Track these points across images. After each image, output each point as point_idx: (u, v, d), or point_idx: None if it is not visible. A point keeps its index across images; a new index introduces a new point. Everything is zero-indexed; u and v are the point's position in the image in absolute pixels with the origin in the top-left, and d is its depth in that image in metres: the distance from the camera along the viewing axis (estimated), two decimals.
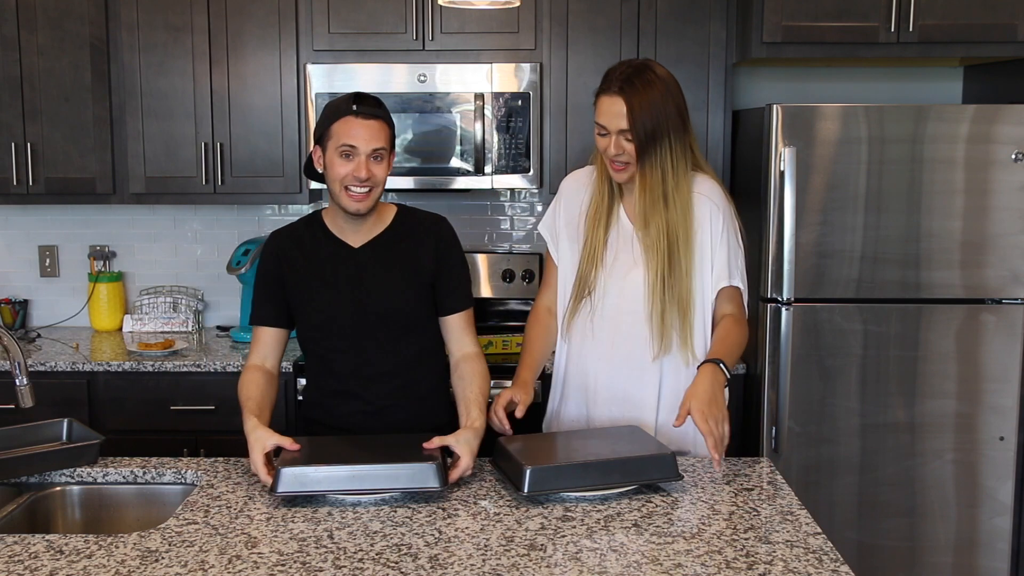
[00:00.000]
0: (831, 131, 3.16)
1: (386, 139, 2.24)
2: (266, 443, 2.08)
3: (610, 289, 2.34)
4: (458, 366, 2.38)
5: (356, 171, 2.20)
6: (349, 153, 2.20)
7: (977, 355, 3.24)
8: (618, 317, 2.34)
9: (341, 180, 2.21)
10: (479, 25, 3.45)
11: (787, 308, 3.19)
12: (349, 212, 2.26)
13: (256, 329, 2.40)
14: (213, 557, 1.75)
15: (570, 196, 2.45)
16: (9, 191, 3.57)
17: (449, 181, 3.48)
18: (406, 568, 1.70)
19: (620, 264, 2.34)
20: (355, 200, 2.23)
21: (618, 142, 2.24)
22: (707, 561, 1.73)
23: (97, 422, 3.31)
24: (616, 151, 2.25)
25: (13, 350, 2.13)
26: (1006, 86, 3.52)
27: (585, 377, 2.40)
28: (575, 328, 2.40)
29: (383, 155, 2.24)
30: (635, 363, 2.35)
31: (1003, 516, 3.29)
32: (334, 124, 2.22)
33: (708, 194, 2.33)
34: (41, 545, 1.80)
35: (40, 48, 3.51)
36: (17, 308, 3.89)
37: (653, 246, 2.28)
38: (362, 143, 2.20)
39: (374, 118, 2.22)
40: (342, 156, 2.21)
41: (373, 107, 2.24)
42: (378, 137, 2.22)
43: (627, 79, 2.23)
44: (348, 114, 2.21)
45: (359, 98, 2.24)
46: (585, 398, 2.41)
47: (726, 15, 3.45)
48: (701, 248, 2.31)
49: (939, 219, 3.19)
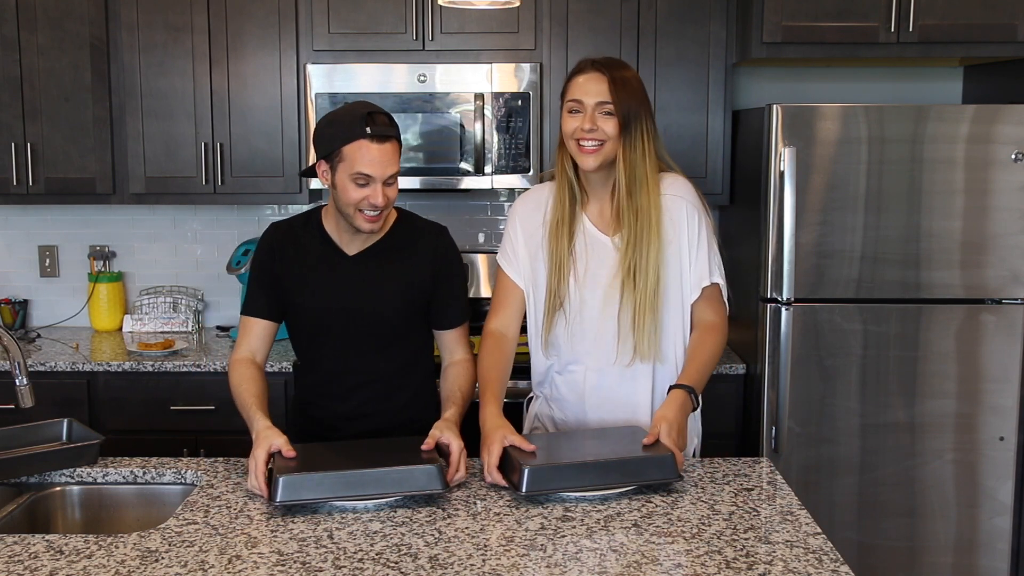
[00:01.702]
0: (831, 131, 3.16)
1: (398, 161, 2.18)
2: (273, 443, 2.06)
3: (587, 298, 2.28)
4: (447, 370, 2.39)
5: (372, 198, 2.15)
6: (364, 182, 2.14)
7: (977, 355, 3.24)
8: (602, 324, 2.28)
9: (356, 204, 2.17)
10: (479, 25, 3.45)
11: (787, 308, 3.19)
12: (363, 230, 2.22)
13: (246, 320, 2.35)
14: (213, 557, 1.75)
15: (525, 216, 2.36)
16: (9, 191, 3.57)
17: (449, 181, 3.48)
18: (406, 568, 1.70)
19: (591, 274, 2.27)
20: (370, 222, 2.19)
21: (593, 117, 2.17)
22: (707, 561, 1.73)
23: (97, 422, 3.31)
24: (590, 126, 2.17)
25: (13, 350, 2.13)
26: (1006, 86, 3.52)
27: (576, 385, 2.35)
28: (557, 341, 2.33)
29: (395, 179, 2.19)
30: (624, 367, 2.29)
31: (1003, 516, 3.29)
32: (346, 147, 2.13)
33: (683, 195, 2.27)
34: (41, 545, 1.80)
35: (40, 48, 3.51)
36: (17, 308, 3.89)
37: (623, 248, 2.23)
38: (378, 171, 2.13)
39: (388, 140, 2.14)
40: (356, 184, 2.14)
41: (386, 127, 2.15)
42: (393, 161, 2.16)
43: (605, 62, 2.22)
44: (362, 137, 2.11)
45: (371, 118, 2.13)
46: (580, 405, 2.36)
47: (726, 15, 3.45)
48: (679, 249, 2.26)
49: (939, 219, 3.19)
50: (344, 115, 2.17)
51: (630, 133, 2.19)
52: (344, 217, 2.22)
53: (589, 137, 2.18)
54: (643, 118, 2.20)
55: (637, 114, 2.19)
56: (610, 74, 2.19)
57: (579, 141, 2.19)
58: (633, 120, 2.18)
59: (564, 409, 2.39)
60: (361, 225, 2.20)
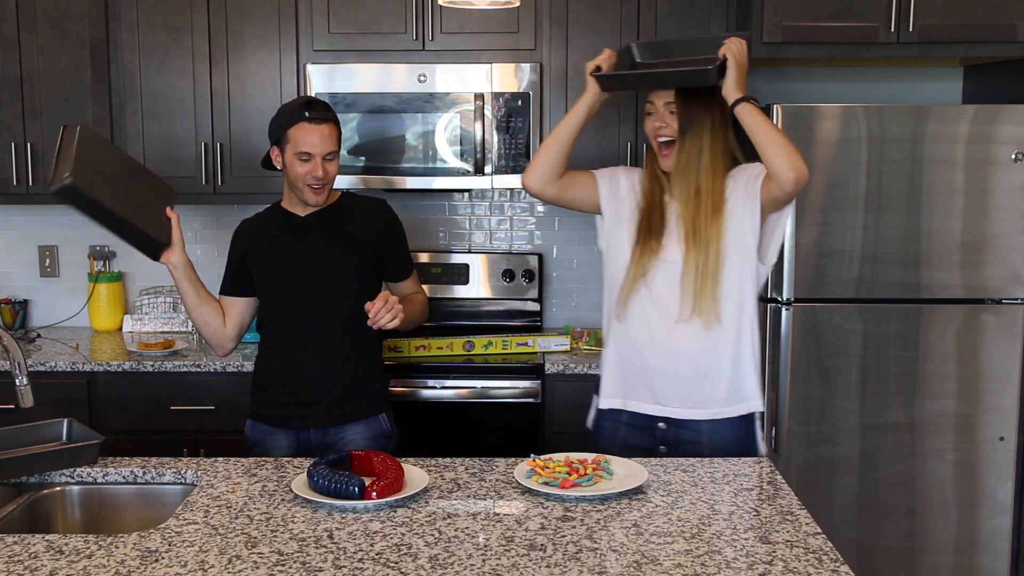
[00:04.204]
0: (831, 131, 3.16)
1: (336, 141, 2.59)
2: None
3: (660, 268, 2.40)
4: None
5: (314, 171, 2.56)
6: (306, 158, 2.54)
7: (977, 355, 3.24)
8: (668, 286, 2.39)
9: (302, 178, 2.57)
10: (479, 25, 3.46)
11: (787, 308, 3.19)
12: (309, 203, 2.62)
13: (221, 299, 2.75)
14: (213, 557, 1.75)
15: (627, 175, 2.53)
16: (9, 191, 3.57)
17: (449, 181, 3.48)
18: (406, 568, 1.70)
19: (664, 247, 2.41)
20: (315, 193, 2.60)
21: (663, 116, 2.39)
22: (707, 561, 1.73)
23: (97, 422, 3.31)
24: (660, 124, 2.39)
25: (13, 350, 2.13)
26: (1006, 86, 3.52)
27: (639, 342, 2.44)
28: (632, 308, 2.44)
29: (334, 156, 2.58)
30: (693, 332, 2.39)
31: (1003, 516, 3.30)
32: (289, 129, 2.55)
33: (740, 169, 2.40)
34: (41, 545, 1.80)
35: (40, 48, 3.51)
36: (17, 308, 3.89)
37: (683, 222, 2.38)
38: (317, 149, 2.54)
39: (325, 122, 2.55)
40: (300, 160, 2.55)
41: (322, 111, 2.56)
42: (330, 141, 2.56)
43: None
44: (301, 120, 2.53)
45: (310, 104, 2.55)
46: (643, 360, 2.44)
47: (726, 15, 3.45)
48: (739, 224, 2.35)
49: (939, 219, 3.19)
50: (287, 106, 2.62)
51: (693, 129, 2.36)
52: (295, 191, 2.63)
53: (661, 134, 2.40)
54: (710, 124, 2.36)
55: (700, 118, 2.36)
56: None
57: (658, 140, 2.41)
58: (696, 120, 2.36)
59: (631, 361, 2.47)
60: (308, 197, 2.60)
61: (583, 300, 3.93)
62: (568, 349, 3.49)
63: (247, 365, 3.29)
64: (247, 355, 3.40)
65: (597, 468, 2.13)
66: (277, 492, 2.06)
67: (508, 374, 3.34)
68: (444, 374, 3.32)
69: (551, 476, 2.08)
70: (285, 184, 2.66)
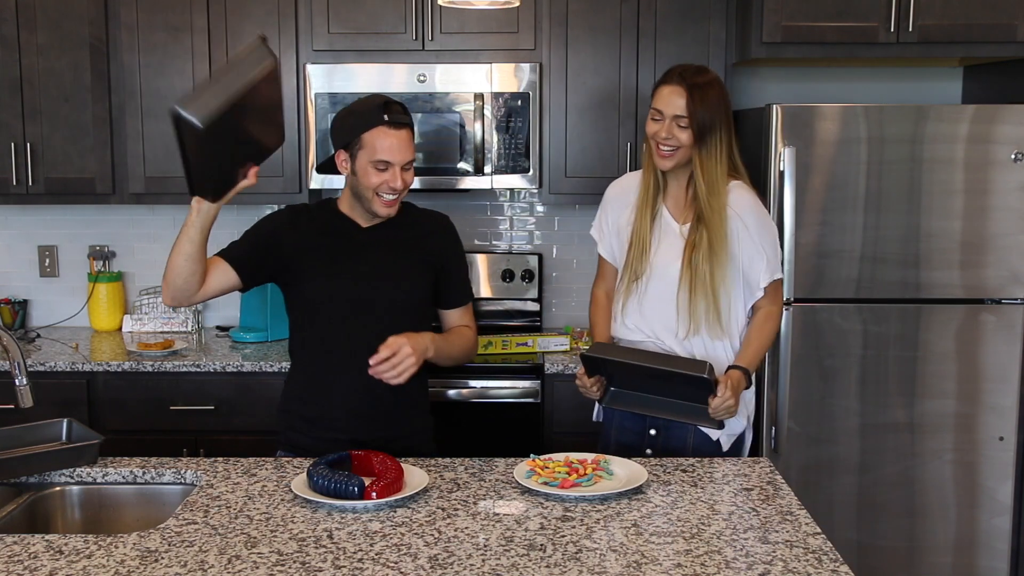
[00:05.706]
0: (831, 131, 3.16)
1: (413, 147, 2.34)
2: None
3: (653, 276, 2.48)
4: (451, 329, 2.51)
5: (391, 182, 2.29)
6: (384, 167, 2.28)
7: (977, 355, 3.24)
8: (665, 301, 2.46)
9: (375, 188, 2.30)
10: (479, 25, 3.45)
11: (787, 308, 3.19)
12: (380, 215, 2.35)
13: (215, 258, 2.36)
14: (213, 557, 1.75)
15: (612, 198, 2.61)
16: (9, 191, 3.57)
17: (449, 181, 3.48)
18: (406, 568, 1.70)
19: (661, 256, 2.47)
20: (387, 206, 2.33)
21: (670, 127, 2.39)
22: (707, 561, 1.73)
23: (97, 422, 3.31)
24: (666, 135, 2.39)
25: (13, 350, 2.13)
26: (1006, 86, 3.52)
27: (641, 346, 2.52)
28: (628, 308, 2.52)
29: (411, 164, 2.34)
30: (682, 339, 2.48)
31: (1003, 516, 3.30)
32: (365, 134, 2.27)
33: (737, 208, 2.44)
34: (41, 545, 1.80)
35: (40, 48, 3.51)
36: (17, 308, 3.89)
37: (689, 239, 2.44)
38: (397, 157, 2.28)
39: (404, 126, 2.30)
40: (376, 169, 2.28)
41: (402, 115, 2.30)
42: (409, 147, 2.31)
43: (689, 73, 2.40)
44: (380, 124, 2.26)
45: (388, 107, 2.28)
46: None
47: (726, 15, 3.45)
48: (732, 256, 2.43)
49: (939, 219, 3.19)
50: (362, 106, 2.32)
51: (706, 142, 2.39)
52: (362, 202, 2.35)
53: (664, 143, 2.41)
54: (719, 127, 2.40)
55: (713, 125, 2.38)
56: (690, 89, 2.37)
57: (657, 144, 2.42)
58: (708, 131, 2.38)
59: None
60: (379, 209, 2.33)
61: (583, 300, 3.93)
62: (568, 349, 3.49)
63: (247, 365, 3.29)
64: (247, 355, 3.40)
65: (597, 468, 2.13)
66: (277, 492, 2.06)
67: (508, 374, 3.34)
68: (444, 374, 3.32)
69: (551, 476, 2.08)
70: (346, 188, 2.40)
